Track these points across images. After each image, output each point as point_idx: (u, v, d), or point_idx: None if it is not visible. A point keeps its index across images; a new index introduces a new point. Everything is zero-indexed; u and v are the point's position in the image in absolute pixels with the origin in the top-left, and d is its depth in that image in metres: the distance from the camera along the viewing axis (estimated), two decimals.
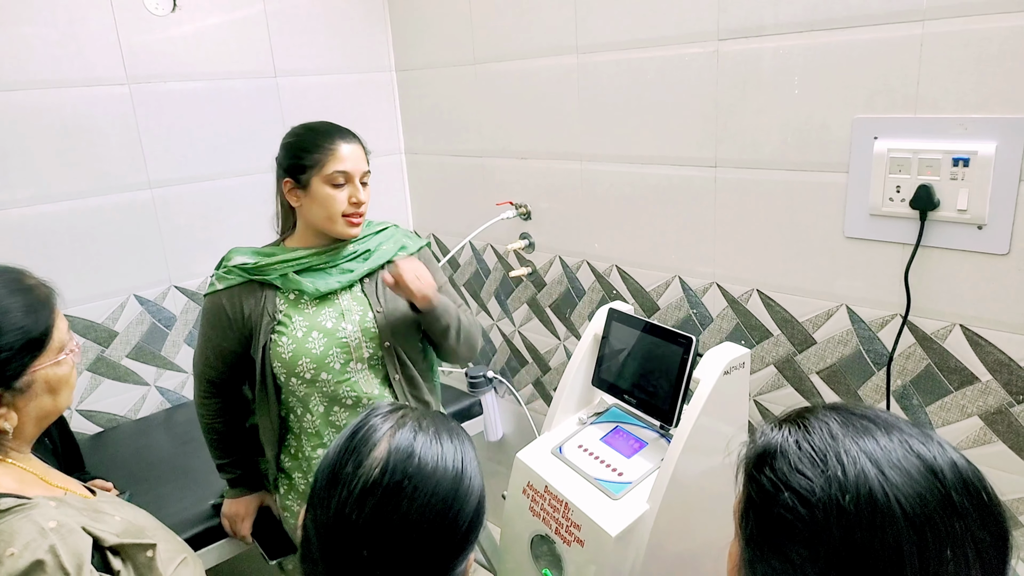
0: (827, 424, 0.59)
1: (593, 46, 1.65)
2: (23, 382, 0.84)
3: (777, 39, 1.33)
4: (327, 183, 1.29)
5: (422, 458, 0.71)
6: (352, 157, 1.31)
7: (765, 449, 0.61)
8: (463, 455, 0.75)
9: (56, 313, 0.90)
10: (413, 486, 0.69)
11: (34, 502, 0.80)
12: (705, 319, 1.60)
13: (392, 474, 0.69)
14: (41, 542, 0.75)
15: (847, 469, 0.55)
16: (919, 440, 0.57)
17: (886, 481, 0.53)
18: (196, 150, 1.91)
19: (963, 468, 0.56)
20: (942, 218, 1.19)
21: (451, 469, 0.72)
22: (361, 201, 1.32)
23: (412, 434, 0.73)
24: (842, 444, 0.57)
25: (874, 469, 0.54)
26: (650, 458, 1.32)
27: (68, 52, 1.68)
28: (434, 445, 0.73)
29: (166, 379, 1.95)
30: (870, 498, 0.53)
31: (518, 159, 1.93)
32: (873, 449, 0.56)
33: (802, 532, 0.55)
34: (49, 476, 0.91)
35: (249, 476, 1.43)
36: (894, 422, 0.60)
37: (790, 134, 1.35)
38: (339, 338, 1.31)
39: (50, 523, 0.78)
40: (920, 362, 1.28)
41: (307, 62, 2.08)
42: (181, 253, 1.92)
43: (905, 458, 0.55)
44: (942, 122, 1.16)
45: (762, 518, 0.59)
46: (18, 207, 1.67)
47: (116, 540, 0.84)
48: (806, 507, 0.55)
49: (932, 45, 1.15)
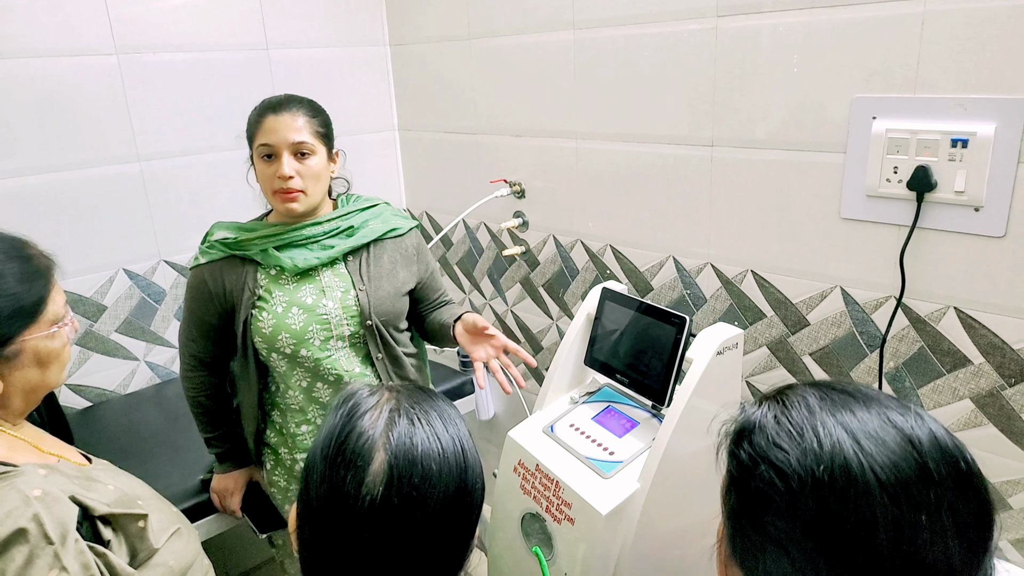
0: (805, 399, 0.59)
1: (590, 21, 1.62)
2: (10, 350, 0.83)
3: (777, 16, 1.31)
4: (259, 158, 1.27)
5: (425, 463, 0.68)
6: (279, 128, 1.23)
7: (744, 425, 0.62)
8: (461, 441, 0.72)
9: (53, 285, 0.89)
10: (423, 494, 0.66)
11: (20, 470, 0.79)
12: (699, 300, 1.59)
13: (399, 487, 0.66)
14: (24, 510, 0.75)
15: (823, 441, 0.55)
16: (898, 412, 0.57)
17: (861, 451, 0.54)
18: (186, 123, 1.88)
19: (941, 438, 0.56)
20: (939, 200, 1.18)
21: (455, 463, 0.69)
22: (284, 175, 1.23)
23: (408, 432, 0.69)
24: (819, 418, 0.57)
25: (849, 440, 0.54)
26: (641, 437, 1.32)
27: (55, 20, 1.64)
28: (433, 441, 0.69)
29: (156, 354, 1.94)
30: (844, 468, 0.53)
31: (513, 136, 1.90)
32: (849, 421, 0.56)
33: (779, 504, 0.55)
34: (43, 443, 0.90)
35: (237, 451, 1.42)
36: (874, 395, 0.60)
37: (788, 113, 1.34)
38: (319, 315, 1.29)
39: (35, 491, 0.77)
40: (913, 344, 1.28)
41: (300, 35, 2.04)
42: (171, 227, 1.90)
43: (882, 428, 0.55)
44: (941, 102, 1.15)
45: (741, 492, 0.60)
46: (4, 179, 1.64)
47: (106, 510, 0.83)
48: (782, 479, 0.55)
49: (933, 24, 1.14)
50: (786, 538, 0.55)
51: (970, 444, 1.30)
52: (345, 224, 1.34)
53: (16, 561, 0.72)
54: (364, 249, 1.36)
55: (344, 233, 1.34)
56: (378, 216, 1.40)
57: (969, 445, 1.30)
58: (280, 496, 1.44)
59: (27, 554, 0.73)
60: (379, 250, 1.37)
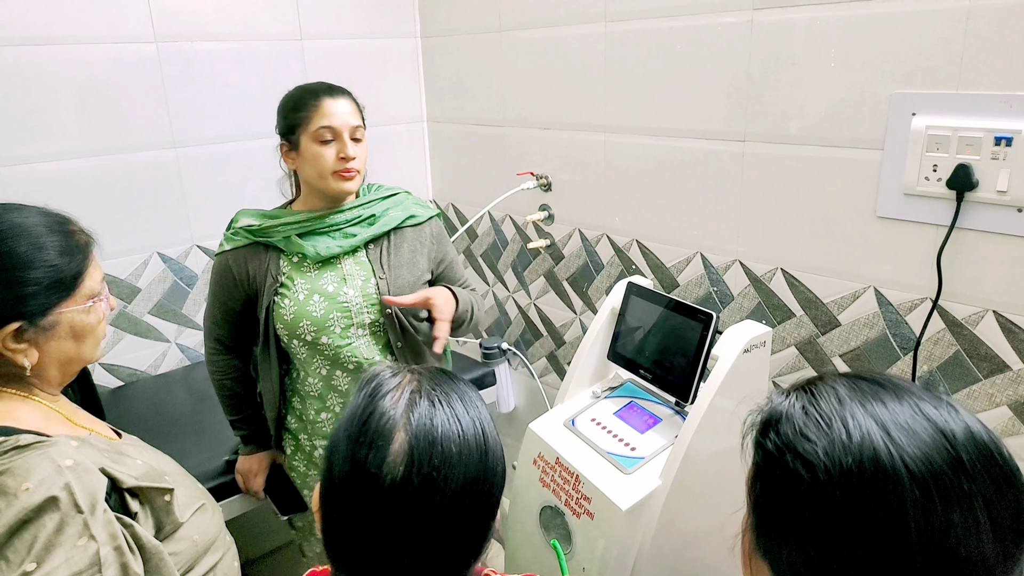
0: (835, 389, 0.58)
1: (622, 14, 1.60)
2: (47, 321, 0.85)
3: (814, 9, 1.28)
4: (315, 140, 1.27)
5: (445, 444, 0.67)
6: (339, 112, 1.27)
7: (771, 415, 0.60)
8: (482, 423, 0.71)
9: (91, 261, 0.91)
10: (443, 475, 0.66)
11: (54, 440, 0.81)
12: (726, 297, 1.57)
13: (419, 468, 0.65)
14: (56, 479, 0.76)
15: (851, 432, 0.53)
16: (931, 403, 0.55)
17: (891, 441, 0.52)
18: (221, 111, 1.91)
19: (976, 431, 0.54)
20: (980, 199, 1.14)
21: (476, 446, 0.69)
22: (349, 156, 1.27)
23: (429, 414, 0.69)
24: (848, 408, 0.55)
25: (879, 431, 0.53)
26: (664, 434, 1.30)
27: (97, 8, 1.68)
28: (453, 423, 0.69)
29: (186, 336, 1.98)
30: (874, 458, 0.52)
31: (541, 129, 1.90)
32: (880, 412, 0.54)
33: (805, 495, 0.54)
34: (76, 416, 0.93)
35: (261, 433, 1.45)
36: (906, 386, 0.58)
37: (824, 109, 1.31)
38: (340, 302, 1.30)
39: (67, 461, 0.79)
40: (949, 348, 1.24)
41: (333, 26, 2.06)
42: (203, 213, 1.93)
43: (913, 419, 0.53)
44: (985, 99, 1.11)
45: (767, 482, 0.59)
46: (44, 162, 1.68)
47: (134, 482, 0.85)
48: (809, 470, 0.54)
49: (979, 19, 1.10)
50: (812, 529, 0.54)
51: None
52: (367, 212, 1.35)
53: (47, 528, 0.74)
54: (385, 237, 1.37)
55: (366, 221, 1.35)
56: (399, 204, 1.40)
57: None
58: (300, 481, 1.46)
59: (58, 522, 0.75)
60: (399, 238, 1.38)
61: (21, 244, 0.83)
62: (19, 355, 0.84)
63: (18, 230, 0.84)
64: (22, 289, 0.82)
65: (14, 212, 0.86)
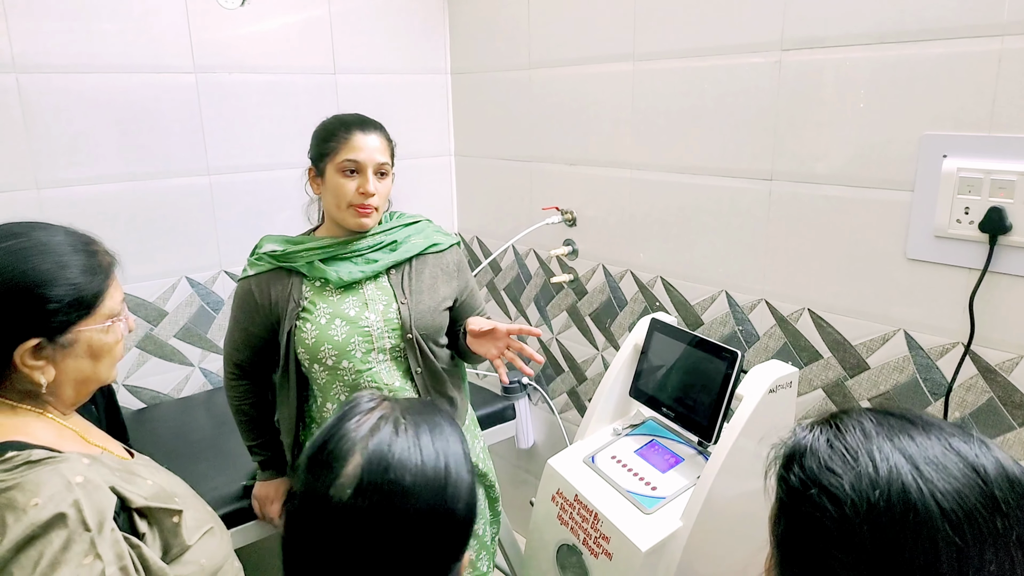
0: (861, 423, 0.56)
1: (650, 54, 1.63)
2: (66, 339, 0.86)
3: (844, 51, 1.28)
4: (339, 171, 1.30)
5: (399, 471, 0.65)
6: (366, 147, 1.30)
7: (795, 449, 0.59)
8: (447, 457, 0.69)
9: (113, 281, 0.92)
10: (392, 505, 0.64)
11: (65, 456, 0.81)
12: (751, 337, 1.55)
13: (367, 492, 0.64)
14: (66, 495, 0.76)
15: (879, 466, 0.52)
16: (960, 439, 0.53)
17: (920, 477, 0.50)
18: (254, 140, 1.96)
19: (1009, 467, 0.52)
20: (1014, 243, 1.12)
21: (434, 478, 0.67)
22: (369, 192, 1.29)
23: (389, 440, 0.67)
24: (875, 442, 0.54)
25: (908, 465, 0.51)
26: (686, 474, 1.28)
27: (140, 40, 1.75)
28: (413, 452, 0.67)
29: (210, 361, 2.00)
30: (903, 494, 0.50)
31: (567, 165, 1.91)
32: (908, 446, 0.53)
33: (832, 531, 0.52)
34: (89, 434, 0.93)
35: (278, 459, 1.44)
36: (935, 422, 0.56)
37: (852, 149, 1.30)
38: (361, 327, 1.31)
39: (77, 478, 0.79)
40: (982, 394, 1.21)
41: (366, 61, 2.12)
42: (232, 239, 1.97)
43: (944, 455, 0.52)
44: (1019, 141, 1.10)
45: (791, 519, 0.57)
46: (83, 185, 1.74)
47: (143, 503, 0.84)
48: (835, 505, 0.52)
49: (1011, 61, 1.09)
50: (839, 567, 0.52)
51: None
52: (389, 239, 1.37)
53: (54, 545, 0.74)
54: (406, 263, 1.38)
55: (388, 247, 1.37)
56: (420, 232, 1.42)
57: None
58: None
59: (65, 539, 0.75)
60: (421, 265, 1.39)
61: (45, 261, 0.84)
62: (36, 372, 0.85)
63: (43, 248, 0.85)
64: (44, 306, 0.83)
65: (40, 230, 0.88)
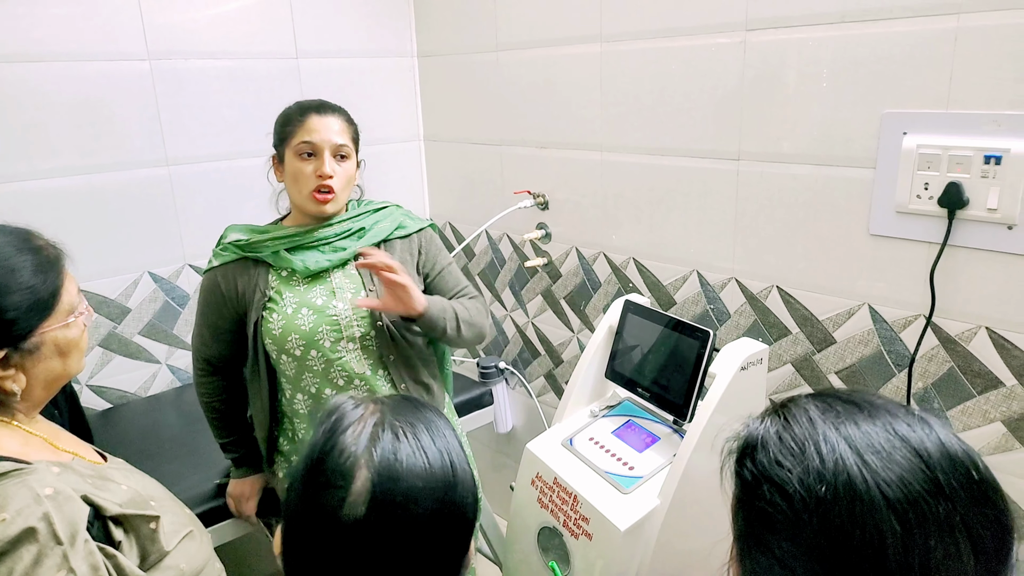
0: (807, 411, 0.57)
1: (618, 35, 1.62)
2: (32, 343, 0.83)
3: (806, 30, 1.30)
4: (296, 155, 1.27)
5: (410, 479, 0.64)
6: (322, 129, 1.27)
7: (747, 442, 0.60)
8: (450, 453, 0.69)
9: (65, 274, 0.89)
10: (409, 511, 0.64)
11: (33, 467, 0.79)
12: (722, 315, 1.57)
13: (382, 506, 0.63)
14: (35, 509, 0.74)
15: (825, 457, 0.53)
16: (904, 421, 0.55)
17: (865, 467, 0.51)
18: (215, 129, 1.91)
19: (951, 447, 0.53)
20: (971, 217, 1.16)
21: (443, 477, 0.66)
22: (326, 174, 1.26)
23: (393, 447, 0.66)
24: (821, 431, 0.55)
25: (853, 455, 0.52)
26: (662, 453, 1.30)
27: (90, 26, 1.68)
28: (419, 456, 0.66)
29: (177, 357, 1.96)
30: (848, 485, 0.51)
31: (537, 148, 1.91)
32: (853, 434, 0.54)
33: (783, 524, 0.54)
34: (58, 440, 0.90)
35: (252, 456, 1.42)
36: (880, 403, 0.57)
37: (816, 128, 1.32)
38: (329, 315, 1.29)
39: (46, 489, 0.76)
40: (943, 364, 1.25)
41: (329, 45, 2.07)
42: (196, 232, 1.92)
43: (888, 441, 0.53)
44: (975, 118, 1.13)
45: (747, 513, 0.58)
46: (36, 179, 1.67)
47: (118, 510, 0.82)
48: (785, 499, 0.53)
49: (967, 39, 1.12)
50: (791, 559, 0.53)
51: (1001, 468, 1.26)
52: (356, 226, 1.35)
53: (24, 560, 0.72)
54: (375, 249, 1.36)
55: (355, 235, 1.35)
56: (387, 216, 1.41)
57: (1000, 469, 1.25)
58: None
59: (35, 554, 0.72)
60: (389, 250, 1.37)
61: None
62: (7, 381, 0.82)
63: None
64: (2, 316, 0.80)
65: None
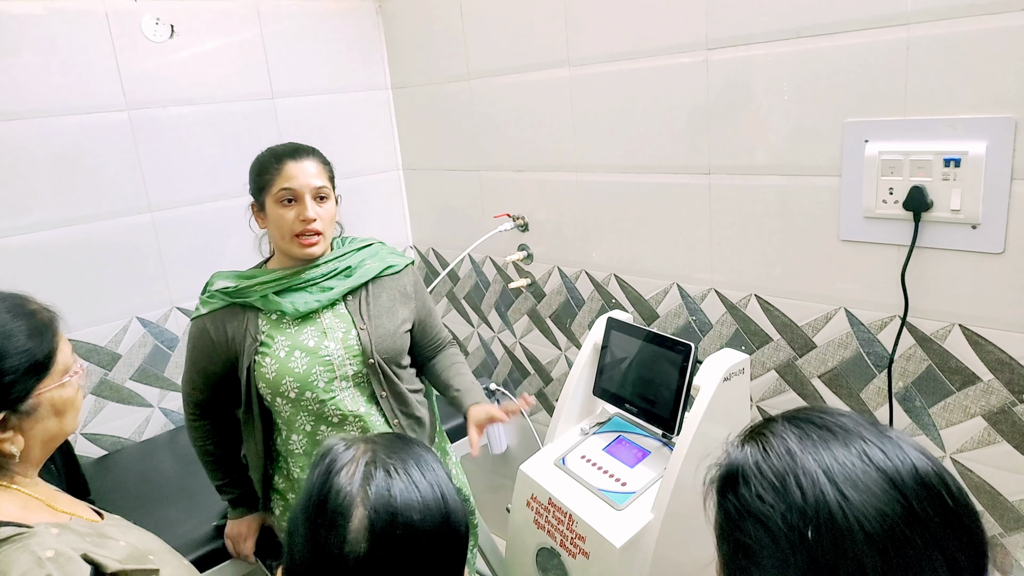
0: (785, 440, 0.60)
1: (584, 59, 1.66)
2: (29, 405, 0.85)
3: (766, 47, 1.34)
4: (277, 203, 1.30)
5: (405, 513, 0.67)
6: (300, 174, 1.29)
7: (729, 471, 0.62)
8: (441, 487, 0.72)
9: (59, 336, 0.91)
10: (408, 545, 0.67)
11: (33, 531, 0.80)
12: (704, 326, 1.60)
13: (382, 540, 0.66)
14: (38, 572, 0.75)
15: (806, 492, 0.55)
16: (877, 446, 0.57)
17: (845, 502, 0.54)
18: (196, 173, 1.93)
19: (923, 471, 0.56)
20: (936, 219, 1.19)
21: (436, 509, 0.69)
22: (309, 218, 1.29)
23: (386, 484, 0.68)
24: (800, 463, 0.57)
25: (832, 490, 0.55)
26: (653, 467, 1.31)
27: (68, 80, 1.71)
28: (412, 491, 0.69)
29: (169, 400, 1.96)
30: (830, 522, 0.54)
31: (514, 171, 1.94)
32: (831, 466, 0.56)
33: (767, 559, 0.56)
34: (56, 501, 0.91)
35: (249, 496, 1.43)
36: (853, 428, 0.60)
37: (782, 139, 1.36)
38: (322, 356, 1.30)
39: (47, 552, 0.77)
40: (921, 363, 1.28)
41: (304, 83, 2.10)
42: (182, 275, 1.93)
43: (864, 473, 0.55)
44: (932, 123, 1.17)
45: (733, 545, 0.60)
46: (19, 234, 1.68)
47: (118, 566, 0.83)
48: (768, 535, 0.56)
49: (918, 48, 1.16)
50: None
51: (984, 463, 1.28)
52: (343, 265, 1.37)
53: None
54: (363, 288, 1.38)
55: (342, 274, 1.36)
56: (374, 255, 1.42)
57: (983, 464, 1.28)
58: None
59: None
60: (378, 288, 1.39)
61: None
62: (5, 444, 0.84)
63: None
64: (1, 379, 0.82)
65: None
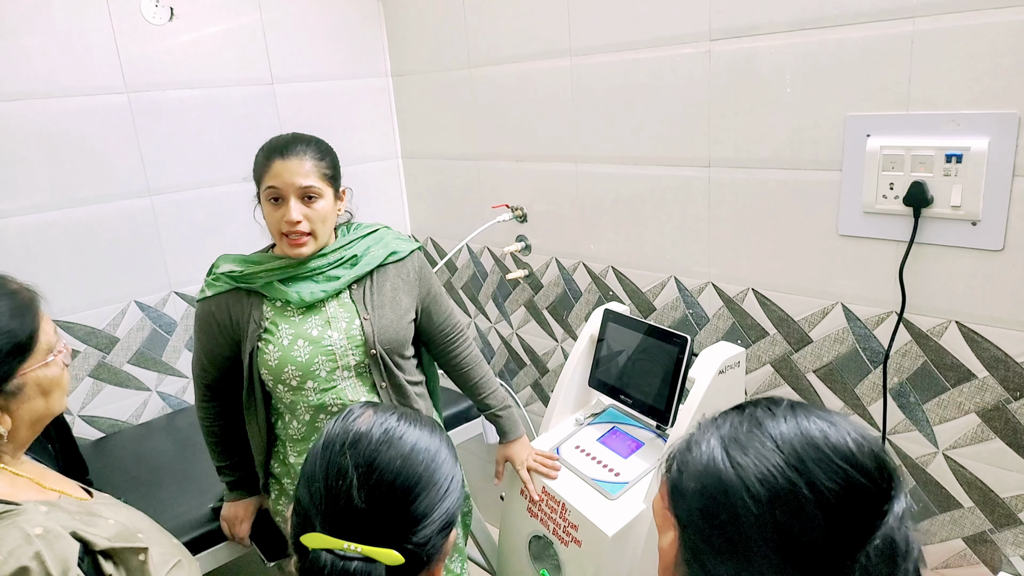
0: (717, 420, 0.69)
1: (586, 48, 1.65)
2: (14, 385, 0.85)
3: (769, 38, 1.33)
4: (266, 200, 1.27)
5: (401, 423, 0.80)
6: (285, 172, 1.24)
7: (669, 453, 0.72)
8: (440, 438, 0.82)
9: (41, 315, 0.91)
10: (398, 436, 0.78)
11: (22, 508, 0.80)
12: (701, 319, 1.60)
13: (378, 426, 0.78)
14: (26, 548, 0.76)
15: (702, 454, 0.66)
16: (794, 420, 0.64)
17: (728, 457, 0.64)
18: (195, 157, 1.92)
19: (836, 441, 0.62)
20: (936, 215, 1.19)
21: (427, 436, 0.80)
22: (292, 220, 1.24)
23: (392, 411, 0.82)
24: (704, 432, 0.68)
25: (720, 451, 0.65)
26: (647, 458, 1.32)
27: (67, 62, 1.70)
28: (414, 421, 0.82)
29: (167, 384, 1.96)
30: (716, 475, 0.63)
31: (514, 162, 1.93)
32: (726, 433, 0.66)
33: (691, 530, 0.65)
34: (44, 479, 0.92)
35: (248, 479, 1.43)
36: (762, 417, 0.66)
37: (783, 133, 1.35)
38: (324, 346, 1.30)
39: (36, 529, 0.78)
40: (916, 359, 1.28)
41: (304, 69, 2.09)
42: (181, 259, 1.93)
43: (759, 440, 0.64)
44: (934, 118, 1.17)
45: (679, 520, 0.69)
46: (20, 215, 1.68)
47: (107, 544, 0.84)
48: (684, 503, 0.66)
49: (923, 42, 1.15)
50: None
51: (977, 459, 1.28)
52: (349, 253, 1.35)
53: None
54: (368, 277, 1.37)
55: (348, 263, 1.35)
56: (379, 241, 1.40)
57: (976, 460, 1.28)
58: (285, 525, 1.45)
59: None
60: (382, 277, 1.38)
61: None
62: None
63: None
64: None
65: None
